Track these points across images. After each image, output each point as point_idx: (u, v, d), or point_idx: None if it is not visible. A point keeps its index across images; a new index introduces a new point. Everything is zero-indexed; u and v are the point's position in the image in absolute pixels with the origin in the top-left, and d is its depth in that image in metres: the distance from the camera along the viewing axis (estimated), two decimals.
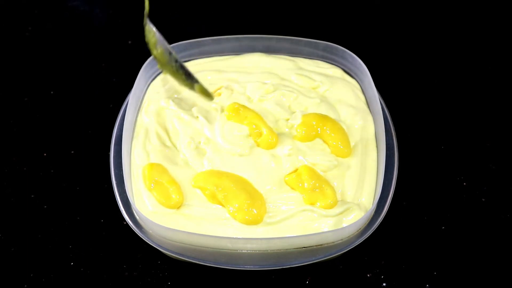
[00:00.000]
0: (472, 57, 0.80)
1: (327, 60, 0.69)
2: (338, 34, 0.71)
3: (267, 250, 0.54)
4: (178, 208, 0.57)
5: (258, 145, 0.61)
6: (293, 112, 0.63)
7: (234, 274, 0.58)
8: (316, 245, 0.54)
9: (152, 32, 0.61)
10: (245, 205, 0.56)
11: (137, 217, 0.56)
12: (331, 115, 0.63)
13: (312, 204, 0.57)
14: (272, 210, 0.57)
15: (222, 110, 0.63)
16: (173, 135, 0.62)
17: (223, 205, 0.57)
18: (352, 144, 0.61)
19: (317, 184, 0.57)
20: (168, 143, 0.61)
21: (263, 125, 0.61)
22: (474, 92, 0.75)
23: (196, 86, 0.61)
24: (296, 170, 0.59)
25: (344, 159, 0.60)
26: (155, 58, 0.63)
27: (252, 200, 0.56)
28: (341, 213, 0.56)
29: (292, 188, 0.58)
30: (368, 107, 0.65)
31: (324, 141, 0.61)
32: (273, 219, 0.56)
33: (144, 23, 0.61)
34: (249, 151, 0.60)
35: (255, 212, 0.56)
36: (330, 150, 0.61)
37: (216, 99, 0.65)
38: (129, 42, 0.81)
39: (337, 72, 0.68)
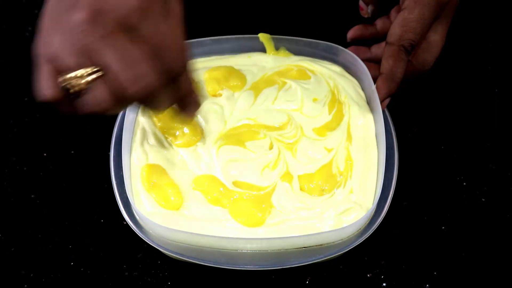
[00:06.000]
0: (472, 57, 0.80)
1: (327, 60, 0.69)
2: (338, 34, 0.71)
3: (267, 250, 0.54)
4: (178, 209, 0.57)
5: None
6: None
7: (234, 274, 0.58)
8: (316, 245, 0.54)
9: None
10: (250, 209, 0.56)
11: (137, 217, 0.56)
12: None
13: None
14: (273, 210, 0.57)
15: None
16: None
17: (224, 207, 0.57)
18: (353, 143, 0.61)
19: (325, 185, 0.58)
20: (166, 143, 0.61)
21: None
22: (474, 92, 0.75)
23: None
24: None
25: (350, 160, 0.60)
26: None
27: (258, 204, 0.56)
28: (341, 212, 0.56)
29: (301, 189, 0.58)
30: (369, 106, 0.65)
31: None
32: (274, 219, 0.56)
33: None
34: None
35: (259, 215, 0.56)
36: None
37: (216, 99, 0.65)
38: None
39: (337, 69, 0.68)
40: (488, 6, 0.86)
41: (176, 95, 0.48)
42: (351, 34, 0.71)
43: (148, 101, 0.45)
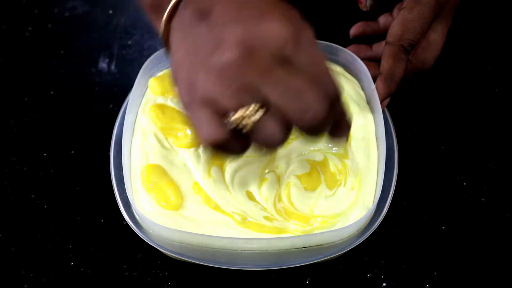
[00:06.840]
0: (472, 57, 0.80)
1: (327, 60, 0.69)
2: (338, 34, 0.71)
3: (267, 250, 0.54)
4: (178, 209, 0.57)
5: None
6: None
7: (234, 274, 0.58)
8: (316, 245, 0.54)
9: None
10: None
11: (137, 217, 0.56)
12: None
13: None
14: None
15: None
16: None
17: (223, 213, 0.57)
18: (353, 143, 0.61)
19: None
20: (166, 143, 0.61)
21: None
22: (474, 92, 0.75)
23: None
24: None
25: (347, 159, 0.60)
26: None
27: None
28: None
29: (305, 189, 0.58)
30: (369, 106, 0.65)
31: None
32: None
33: None
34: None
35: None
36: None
37: None
38: (129, 42, 0.81)
39: (337, 69, 0.68)
40: (488, 5, 0.86)
41: (334, 119, 0.45)
42: (353, 31, 0.71)
43: (315, 129, 0.43)
